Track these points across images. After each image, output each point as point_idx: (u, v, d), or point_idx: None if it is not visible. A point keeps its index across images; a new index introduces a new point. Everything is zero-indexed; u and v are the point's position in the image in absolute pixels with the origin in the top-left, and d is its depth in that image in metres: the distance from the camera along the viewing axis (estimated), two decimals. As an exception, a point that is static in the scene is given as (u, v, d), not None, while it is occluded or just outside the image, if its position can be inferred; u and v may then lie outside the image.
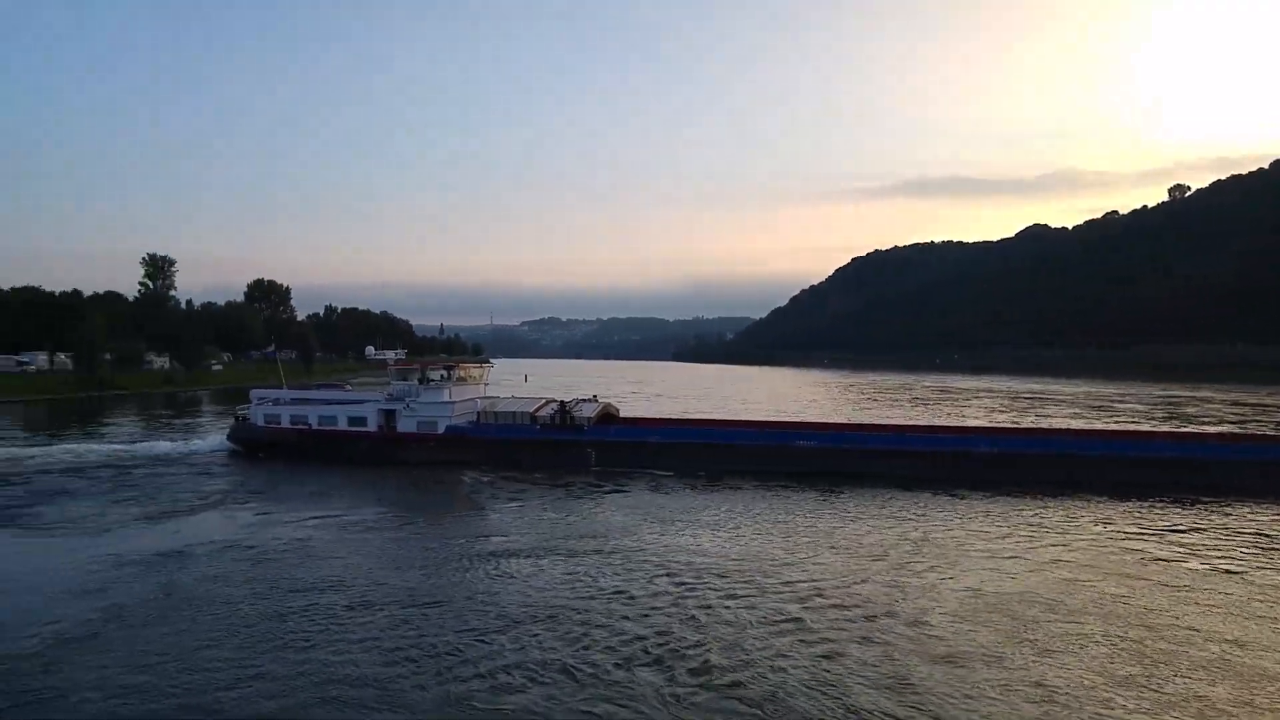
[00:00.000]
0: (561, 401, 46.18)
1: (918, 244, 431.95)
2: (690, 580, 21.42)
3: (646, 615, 18.65)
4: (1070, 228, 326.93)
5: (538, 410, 45.51)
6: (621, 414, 49.73)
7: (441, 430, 45.00)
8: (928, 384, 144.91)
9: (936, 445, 40.92)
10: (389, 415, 46.13)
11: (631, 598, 19.91)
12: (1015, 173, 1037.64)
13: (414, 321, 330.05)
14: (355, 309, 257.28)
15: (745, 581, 21.26)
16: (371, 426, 46.33)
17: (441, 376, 47.83)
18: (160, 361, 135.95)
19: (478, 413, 46.65)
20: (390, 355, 53.83)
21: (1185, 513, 30.94)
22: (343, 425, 46.92)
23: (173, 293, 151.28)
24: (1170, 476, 35.86)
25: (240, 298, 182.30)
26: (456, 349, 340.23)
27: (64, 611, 18.86)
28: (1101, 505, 32.08)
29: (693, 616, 18.47)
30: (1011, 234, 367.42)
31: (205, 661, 15.83)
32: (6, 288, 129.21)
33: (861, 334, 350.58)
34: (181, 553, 24.47)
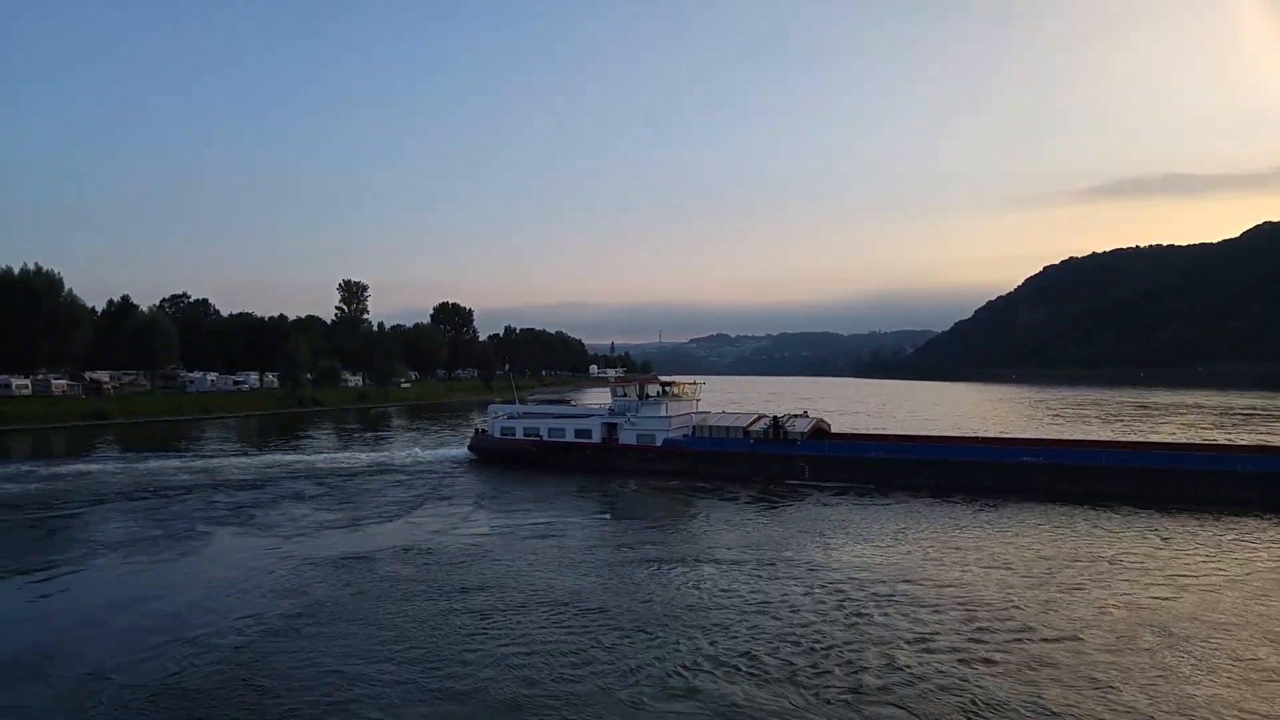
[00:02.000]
0: (775, 417, 47.19)
1: (1120, 249, 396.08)
2: (839, 592, 21.31)
3: (782, 623, 18.70)
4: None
5: (750, 425, 47.07)
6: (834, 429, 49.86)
7: (659, 443, 47.63)
8: (1124, 400, 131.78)
9: (1183, 463, 37.30)
10: (611, 428, 49.53)
11: (776, 606, 20.08)
12: (1246, 164, 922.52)
13: (586, 340, 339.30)
14: (532, 329, 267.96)
15: (893, 594, 21.03)
16: (596, 439, 49.83)
17: (658, 393, 50.93)
18: (354, 379, 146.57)
19: (693, 427, 48.95)
20: (611, 373, 59.68)
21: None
22: (570, 437, 50.80)
23: (365, 315, 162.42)
24: None
25: (427, 319, 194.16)
26: (626, 367, 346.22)
27: (272, 606, 20.61)
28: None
29: (824, 628, 18.33)
30: (1237, 234, 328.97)
31: (382, 661, 16.73)
32: (225, 314, 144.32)
33: (1055, 347, 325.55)
34: (370, 557, 26.13)
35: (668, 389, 51.50)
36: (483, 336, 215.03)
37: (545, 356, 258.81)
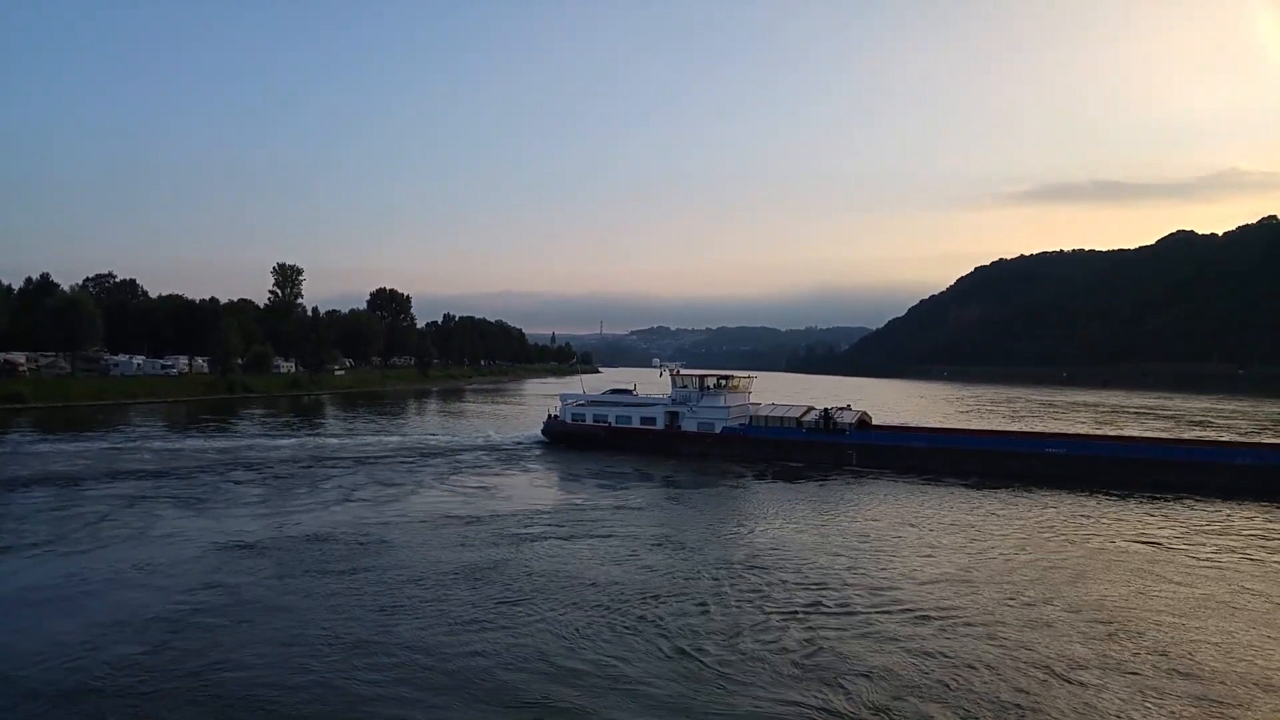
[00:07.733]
0: (825, 409, 52.00)
1: (1046, 253, 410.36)
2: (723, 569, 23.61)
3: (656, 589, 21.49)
4: (1221, 234, 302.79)
5: (803, 416, 51.78)
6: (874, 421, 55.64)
7: (718, 430, 52.73)
8: (1035, 398, 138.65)
9: (1190, 456, 42.80)
10: (673, 416, 54.66)
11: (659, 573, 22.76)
12: (1168, 175, 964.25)
13: (526, 330, 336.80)
14: (471, 318, 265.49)
15: (765, 567, 24.06)
16: (659, 425, 55.03)
17: (716, 385, 55.80)
18: (287, 365, 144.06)
19: (749, 417, 53.68)
20: (671, 366, 64.02)
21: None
22: (635, 424, 56.26)
23: (300, 300, 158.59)
24: None
25: (363, 305, 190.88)
26: (567, 357, 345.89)
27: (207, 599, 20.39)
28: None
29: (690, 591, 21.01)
30: (1153, 240, 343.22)
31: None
32: (154, 295, 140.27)
33: (984, 346, 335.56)
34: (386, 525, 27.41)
35: (725, 382, 56.24)
36: (421, 324, 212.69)
37: (485, 346, 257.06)
